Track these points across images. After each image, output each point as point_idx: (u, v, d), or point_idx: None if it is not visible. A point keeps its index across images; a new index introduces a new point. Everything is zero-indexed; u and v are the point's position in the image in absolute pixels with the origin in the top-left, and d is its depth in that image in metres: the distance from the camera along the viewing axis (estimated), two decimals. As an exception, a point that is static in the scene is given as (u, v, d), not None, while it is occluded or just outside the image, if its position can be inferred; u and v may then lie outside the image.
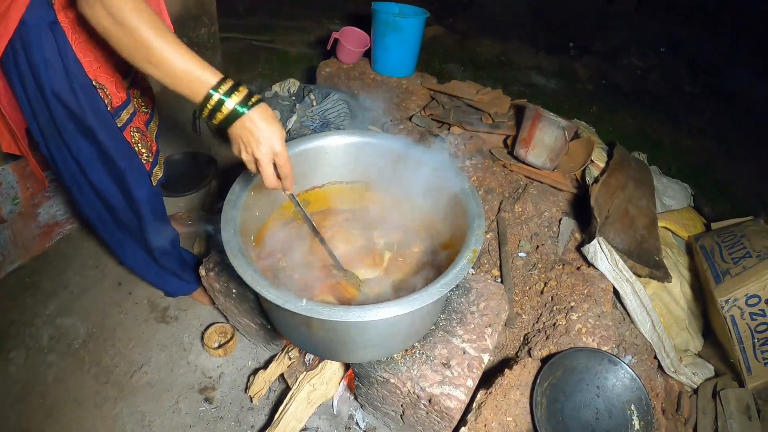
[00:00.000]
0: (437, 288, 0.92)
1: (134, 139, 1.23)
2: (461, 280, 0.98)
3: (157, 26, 0.81)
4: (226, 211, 1.05)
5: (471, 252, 1.01)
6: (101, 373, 1.56)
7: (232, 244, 0.98)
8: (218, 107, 0.85)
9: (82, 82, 1.06)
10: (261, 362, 1.54)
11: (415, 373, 1.11)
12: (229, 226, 1.02)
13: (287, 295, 0.87)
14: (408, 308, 0.88)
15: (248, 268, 0.92)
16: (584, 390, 1.34)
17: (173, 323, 1.67)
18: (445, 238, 1.21)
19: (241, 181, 1.12)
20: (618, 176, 1.74)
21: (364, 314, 0.86)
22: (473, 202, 1.11)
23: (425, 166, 1.19)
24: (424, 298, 0.90)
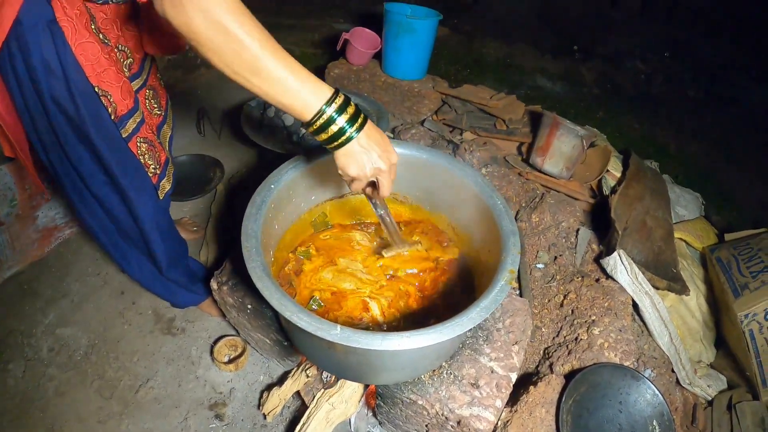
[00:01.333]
0: (477, 312, 0.87)
1: (140, 150, 1.14)
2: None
3: (262, 30, 0.72)
4: (246, 226, 0.98)
5: (508, 273, 0.95)
6: (105, 388, 1.49)
7: (255, 263, 0.91)
8: (327, 125, 0.79)
9: (83, 89, 0.96)
10: (274, 378, 1.47)
11: (443, 395, 1.06)
12: (251, 242, 0.96)
13: (320, 322, 0.81)
14: (449, 335, 0.82)
15: (275, 292, 0.86)
16: (607, 406, 1.30)
17: (180, 335, 1.60)
18: (475, 255, 1.16)
19: (262, 192, 1.05)
20: (635, 187, 1.71)
21: (403, 342, 0.80)
22: (506, 220, 1.05)
23: (456, 180, 1.14)
24: (465, 324, 0.84)
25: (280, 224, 1.11)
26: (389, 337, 0.80)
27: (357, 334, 0.80)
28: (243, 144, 2.20)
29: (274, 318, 1.20)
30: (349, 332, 0.80)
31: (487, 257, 1.09)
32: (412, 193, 1.23)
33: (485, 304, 0.89)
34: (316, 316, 0.82)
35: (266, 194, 1.05)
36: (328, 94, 0.78)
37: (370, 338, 0.80)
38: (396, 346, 0.79)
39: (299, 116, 0.79)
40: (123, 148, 1.09)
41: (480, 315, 0.87)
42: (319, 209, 1.21)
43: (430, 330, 0.82)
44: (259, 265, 0.91)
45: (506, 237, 1.02)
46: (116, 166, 1.09)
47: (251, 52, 0.70)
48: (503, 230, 1.03)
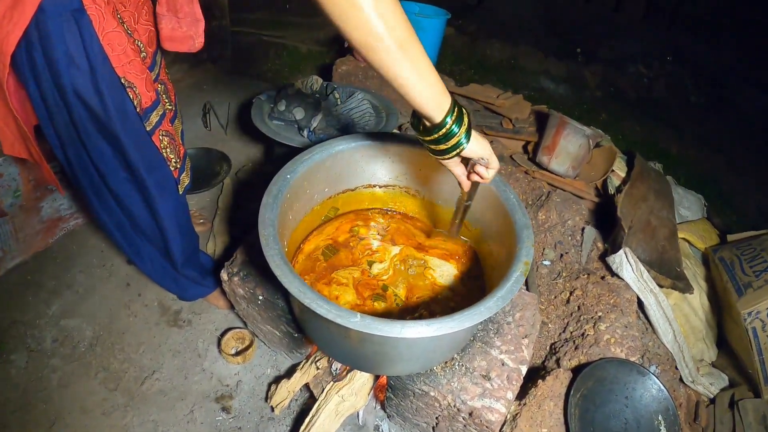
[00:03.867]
0: (494, 302, 0.87)
1: (163, 144, 1.13)
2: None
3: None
4: (263, 215, 0.98)
5: (523, 264, 0.96)
6: (109, 379, 1.48)
7: (273, 250, 0.91)
8: (447, 138, 0.82)
9: (110, 81, 0.93)
10: (281, 370, 1.47)
11: (455, 386, 1.06)
12: (268, 230, 0.95)
13: (339, 310, 0.81)
14: (468, 323, 0.83)
15: (294, 279, 0.86)
16: (613, 401, 1.31)
17: (186, 327, 1.59)
18: (486, 249, 1.16)
19: (278, 182, 1.05)
20: (640, 187, 1.72)
21: (423, 330, 0.80)
22: (519, 213, 1.06)
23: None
24: (483, 312, 0.85)
25: (294, 215, 1.11)
26: (409, 326, 0.80)
27: (377, 321, 0.80)
28: (250, 139, 2.19)
29: (287, 308, 1.19)
30: (369, 320, 0.80)
31: (499, 250, 1.10)
32: (423, 187, 1.23)
33: (502, 294, 0.89)
34: (335, 304, 0.82)
35: (282, 184, 1.05)
36: (449, 103, 0.81)
37: (390, 326, 0.80)
38: (416, 333, 0.80)
39: (430, 118, 0.81)
40: (147, 143, 1.08)
41: (497, 304, 0.87)
42: (331, 202, 1.21)
43: (449, 319, 0.83)
44: (276, 252, 0.91)
45: (520, 230, 1.03)
46: (140, 161, 1.07)
47: (411, 41, 0.71)
48: (517, 223, 1.04)
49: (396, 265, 1.19)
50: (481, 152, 0.87)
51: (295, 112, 1.54)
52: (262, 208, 1.00)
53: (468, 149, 0.85)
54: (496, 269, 1.09)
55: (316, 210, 1.18)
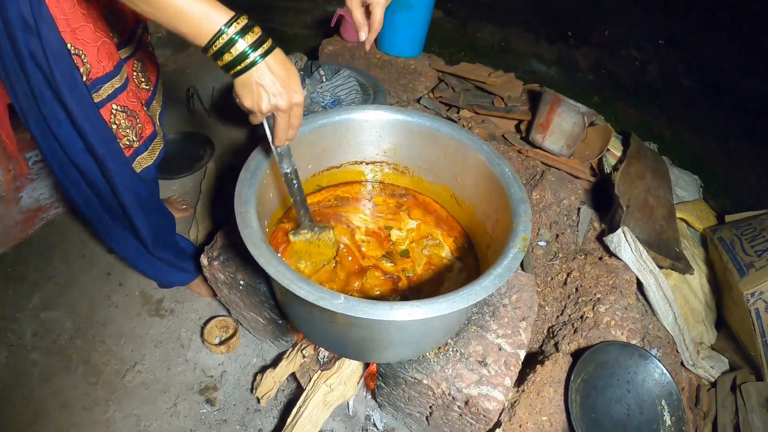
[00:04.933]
0: (491, 280, 0.78)
1: (115, 119, 1.02)
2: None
3: None
4: (240, 191, 0.89)
5: (521, 240, 0.87)
6: (90, 373, 1.38)
7: (250, 229, 0.82)
8: (227, 48, 0.68)
9: (55, 46, 0.85)
10: (267, 360, 1.38)
11: (450, 373, 0.97)
12: (246, 207, 0.86)
13: (321, 291, 0.72)
14: (462, 304, 0.74)
15: (272, 259, 0.76)
16: (615, 385, 1.23)
17: (168, 317, 1.49)
18: (479, 227, 1.07)
19: (257, 156, 0.95)
20: (636, 165, 1.63)
21: (413, 312, 0.71)
22: (515, 186, 0.97)
23: (461, 148, 1.05)
24: (479, 292, 0.76)
25: (275, 193, 1.01)
26: (398, 307, 0.71)
27: (362, 303, 0.71)
28: (234, 122, 2.09)
29: (269, 294, 1.10)
30: (353, 301, 0.71)
31: (494, 228, 1.01)
32: (413, 163, 1.14)
33: (499, 271, 0.80)
34: (317, 285, 0.73)
35: (261, 159, 0.95)
36: (227, 17, 0.68)
37: (377, 308, 0.71)
38: (405, 316, 0.70)
39: (196, 40, 0.69)
40: (95, 115, 0.98)
41: (494, 283, 0.78)
42: (315, 180, 1.11)
43: (442, 299, 0.74)
44: (254, 231, 0.81)
45: (516, 204, 0.94)
46: (91, 133, 0.98)
47: None
48: (513, 198, 0.95)
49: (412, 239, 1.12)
50: None
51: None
52: (239, 184, 0.90)
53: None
54: (491, 248, 1.00)
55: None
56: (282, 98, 0.73)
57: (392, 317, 0.70)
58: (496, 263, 0.82)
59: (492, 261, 0.94)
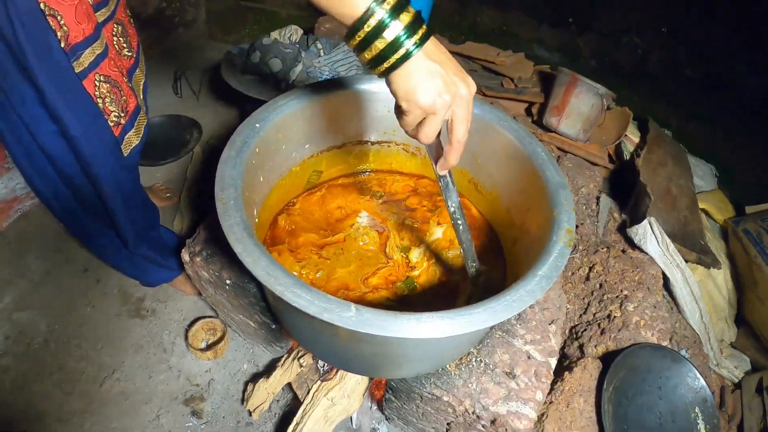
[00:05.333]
0: (536, 283, 0.60)
1: (99, 92, 0.84)
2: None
3: None
4: (222, 172, 0.69)
5: (565, 233, 0.68)
6: (66, 381, 1.19)
7: (233, 219, 0.62)
8: (377, 33, 0.46)
9: (22, 6, 0.66)
10: (259, 366, 1.18)
11: (474, 388, 0.79)
12: (228, 192, 0.66)
13: (327, 301, 0.53)
14: (503, 315, 0.55)
15: (261, 257, 0.57)
16: (646, 392, 1.06)
17: (150, 318, 1.29)
18: (504, 217, 0.88)
19: (243, 132, 0.75)
20: (657, 151, 1.46)
21: (448, 326, 0.52)
22: (552, 169, 0.78)
23: (483, 125, 0.85)
24: (524, 298, 0.57)
25: (266, 176, 0.81)
26: (426, 320, 0.52)
27: (380, 316, 0.52)
28: (223, 103, 1.87)
29: (260, 295, 0.90)
30: (369, 314, 0.52)
31: (524, 219, 0.82)
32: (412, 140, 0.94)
33: (545, 272, 0.62)
34: (320, 292, 0.54)
35: (249, 135, 0.76)
36: None
37: (401, 322, 0.52)
38: (436, 332, 0.52)
39: (344, 19, 0.48)
40: (75, 87, 0.79)
41: (540, 286, 0.60)
42: (313, 163, 0.91)
43: (480, 309, 0.55)
44: (238, 222, 0.62)
45: (555, 190, 0.75)
46: (66, 110, 0.79)
47: None
48: (550, 182, 0.76)
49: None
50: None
51: (271, 63, 1.24)
52: (221, 165, 0.71)
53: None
54: (521, 243, 0.82)
55: (295, 172, 0.89)
56: (463, 85, 0.52)
57: (420, 334, 0.51)
58: (540, 261, 0.64)
59: (523, 259, 0.76)
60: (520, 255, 0.81)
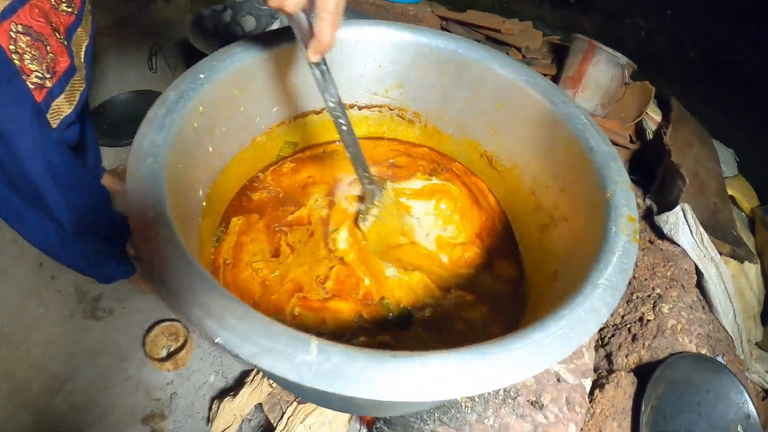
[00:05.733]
0: (599, 298, 0.37)
1: (15, 45, 0.63)
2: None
3: None
4: (142, 137, 0.47)
5: (626, 222, 0.46)
6: (14, 392, 0.99)
7: (147, 202, 0.40)
8: None
9: None
10: (228, 379, 0.96)
11: (491, 423, 0.57)
12: (145, 164, 0.44)
13: (270, 336, 0.30)
14: (558, 352, 0.33)
15: (173, 258, 0.35)
16: (685, 409, 0.85)
17: (107, 319, 1.07)
18: (527, 199, 0.65)
19: (181, 85, 0.52)
20: (683, 130, 1.23)
21: (465, 376, 0.30)
22: (596, 136, 0.55)
23: (503, 83, 0.62)
24: (585, 323, 0.35)
25: (218, 146, 0.58)
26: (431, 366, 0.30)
27: (357, 361, 0.29)
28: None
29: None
30: (337, 357, 0.29)
31: (557, 201, 0.59)
32: (427, 107, 0.70)
33: (608, 279, 0.39)
34: (260, 317, 0.31)
35: (189, 89, 0.52)
36: None
37: (390, 373, 0.29)
38: (448, 390, 0.29)
39: None
40: None
41: (605, 302, 0.38)
42: (284, 132, 0.68)
43: (518, 343, 0.33)
44: (152, 205, 0.39)
45: (603, 163, 0.52)
46: None
47: None
48: (595, 153, 0.53)
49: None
50: None
51: (243, 22, 1.00)
52: (142, 127, 0.48)
53: None
54: (552, 234, 0.59)
55: (261, 142, 0.65)
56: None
57: (425, 394, 0.28)
58: (596, 263, 0.41)
59: (559, 257, 0.54)
60: (551, 251, 0.58)
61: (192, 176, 0.53)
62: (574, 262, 0.48)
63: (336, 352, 0.29)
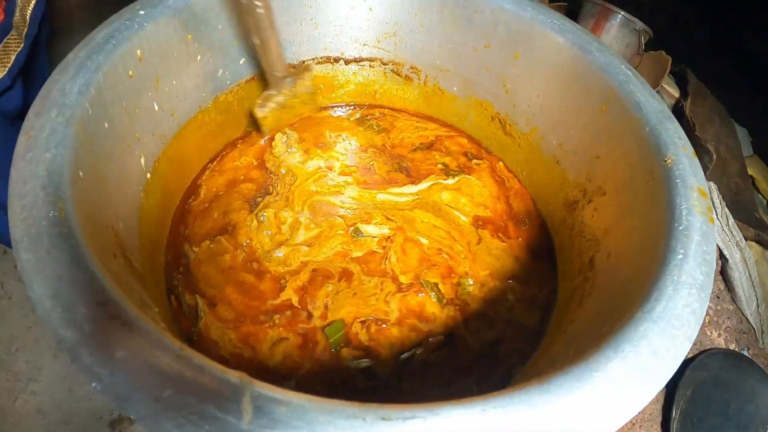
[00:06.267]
0: (683, 303, 0.24)
1: None
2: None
3: None
4: (51, 84, 0.33)
5: (697, 196, 0.33)
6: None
7: (38, 172, 0.26)
8: None
9: None
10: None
11: None
12: (47, 117, 0.30)
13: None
14: (640, 399, 0.20)
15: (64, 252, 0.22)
16: (713, 412, 0.74)
17: (72, 312, 0.94)
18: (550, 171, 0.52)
19: (113, 24, 0.39)
20: (704, 105, 1.10)
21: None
22: (644, 91, 0.42)
23: (515, 26, 0.49)
24: (674, 350, 0.22)
25: (165, 103, 0.45)
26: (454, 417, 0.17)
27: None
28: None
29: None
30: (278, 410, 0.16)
31: (591, 171, 0.46)
32: (427, 60, 0.56)
33: (690, 277, 0.27)
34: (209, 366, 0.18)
35: (123, 28, 0.39)
36: None
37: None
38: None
39: None
40: None
41: (690, 308, 0.24)
42: (256, 90, 0.54)
43: (572, 387, 0.20)
44: (38, 174, 0.26)
45: (657, 122, 0.40)
46: None
47: None
48: (645, 110, 0.40)
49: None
50: None
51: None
52: (54, 73, 0.35)
53: None
54: (586, 213, 0.46)
55: (226, 102, 0.51)
56: None
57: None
58: (674, 252, 0.28)
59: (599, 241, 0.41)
60: (583, 233, 0.45)
61: (126, 139, 0.40)
62: (626, 249, 0.35)
63: (271, 398, 0.16)
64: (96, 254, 0.25)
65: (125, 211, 0.39)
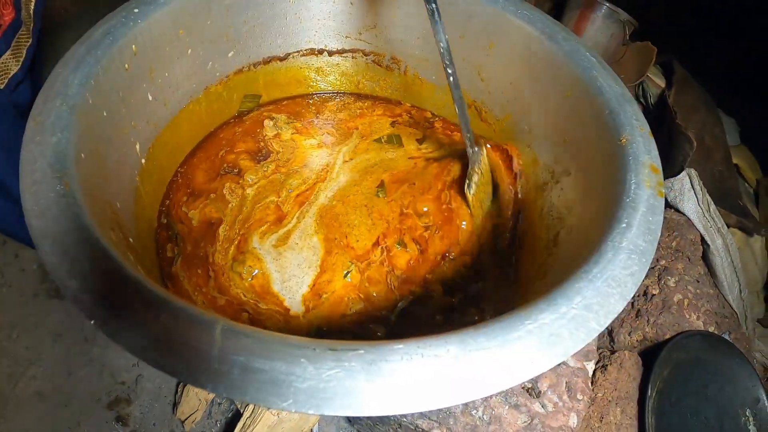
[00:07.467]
0: (622, 265, 0.28)
1: None
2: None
3: None
4: (55, 77, 0.37)
5: (648, 171, 0.37)
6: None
7: (45, 154, 0.30)
8: None
9: None
10: (200, 361, 0.88)
11: (480, 414, 0.49)
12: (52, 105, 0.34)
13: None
14: (570, 346, 0.23)
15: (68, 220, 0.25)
16: (691, 392, 0.77)
17: (71, 299, 0.98)
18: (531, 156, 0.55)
19: (110, 21, 0.43)
20: (689, 94, 1.13)
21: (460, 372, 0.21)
22: (606, 75, 0.46)
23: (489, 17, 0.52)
24: (608, 297, 0.25)
25: (159, 95, 0.48)
26: (409, 357, 0.20)
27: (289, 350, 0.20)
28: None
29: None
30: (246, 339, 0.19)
31: (558, 154, 0.49)
32: (407, 51, 0.59)
33: (631, 241, 0.30)
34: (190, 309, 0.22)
35: (119, 25, 0.43)
36: None
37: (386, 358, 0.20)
38: (405, 406, 0.20)
39: None
40: None
41: (630, 271, 0.28)
42: (244, 81, 0.57)
43: (526, 325, 0.23)
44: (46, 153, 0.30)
45: (617, 105, 0.43)
46: None
47: None
48: (605, 93, 0.44)
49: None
50: None
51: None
52: (57, 67, 0.39)
53: None
54: (553, 194, 0.49)
55: (216, 93, 0.55)
56: None
57: (401, 405, 0.19)
58: (618, 222, 0.32)
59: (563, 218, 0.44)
60: (550, 212, 0.48)
61: (123, 126, 0.43)
62: (584, 224, 0.39)
63: (240, 330, 0.20)
64: (96, 224, 0.29)
65: (122, 194, 0.42)
